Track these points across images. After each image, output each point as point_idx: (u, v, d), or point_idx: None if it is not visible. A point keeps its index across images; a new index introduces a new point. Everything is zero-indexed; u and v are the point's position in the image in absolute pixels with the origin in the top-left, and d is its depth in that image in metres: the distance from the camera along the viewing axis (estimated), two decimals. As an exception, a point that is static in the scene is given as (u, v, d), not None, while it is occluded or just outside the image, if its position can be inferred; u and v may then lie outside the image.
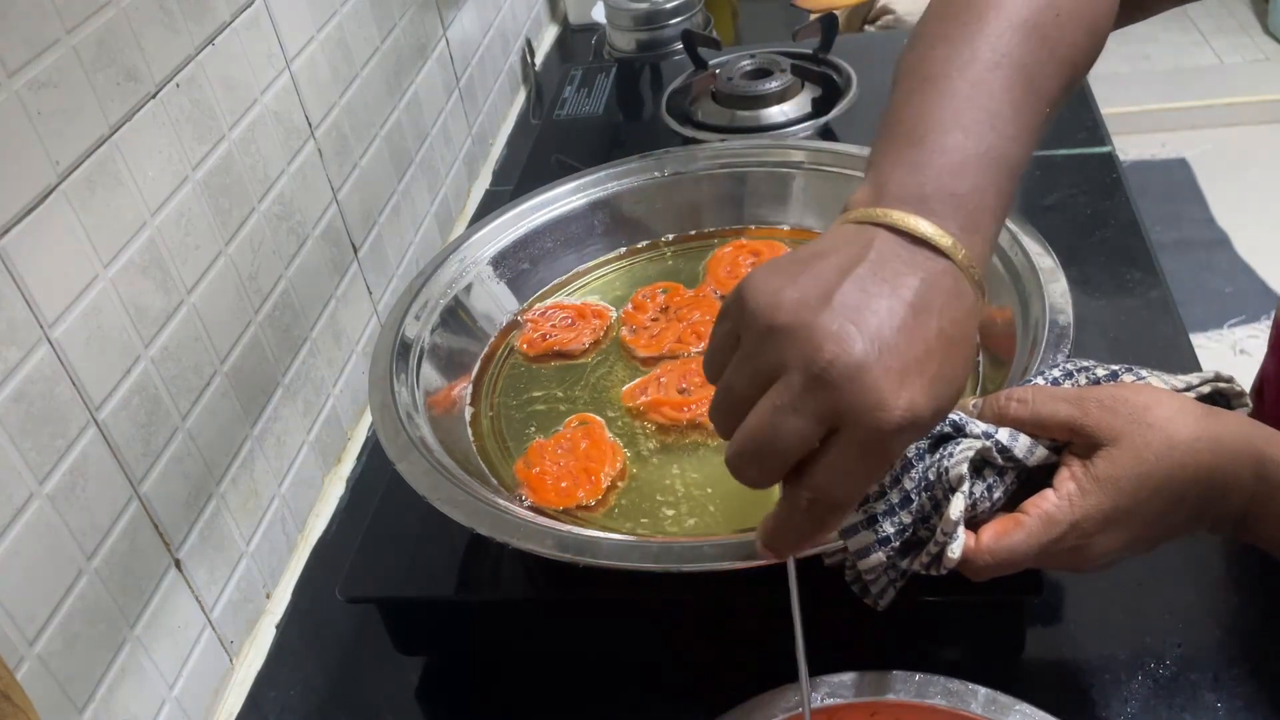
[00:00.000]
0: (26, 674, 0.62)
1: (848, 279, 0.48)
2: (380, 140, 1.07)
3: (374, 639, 0.78)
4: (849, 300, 0.47)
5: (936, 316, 0.48)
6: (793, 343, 0.47)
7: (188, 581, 0.77)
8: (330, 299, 0.97)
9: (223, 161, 0.82)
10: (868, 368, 0.46)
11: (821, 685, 0.62)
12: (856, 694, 0.61)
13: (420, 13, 1.18)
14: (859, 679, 0.62)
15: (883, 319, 0.47)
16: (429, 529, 0.73)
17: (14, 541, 0.62)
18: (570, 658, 0.76)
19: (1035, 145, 0.56)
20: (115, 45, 0.70)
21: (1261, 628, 0.71)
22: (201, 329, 0.79)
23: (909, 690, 0.61)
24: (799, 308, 0.47)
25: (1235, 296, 2.50)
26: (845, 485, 0.49)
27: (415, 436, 0.71)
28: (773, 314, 0.47)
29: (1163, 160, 2.98)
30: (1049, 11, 0.57)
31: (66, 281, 0.66)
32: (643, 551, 0.62)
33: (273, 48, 0.89)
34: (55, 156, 0.65)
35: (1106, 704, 0.68)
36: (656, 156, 0.96)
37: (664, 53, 1.45)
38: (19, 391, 0.62)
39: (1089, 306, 0.96)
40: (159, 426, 0.74)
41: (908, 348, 0.47)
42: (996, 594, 0.64)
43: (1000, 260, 0.78)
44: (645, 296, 0.89)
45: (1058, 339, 0.68)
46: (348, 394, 1.00)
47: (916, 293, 0.48)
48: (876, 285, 0.48)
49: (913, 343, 0.47)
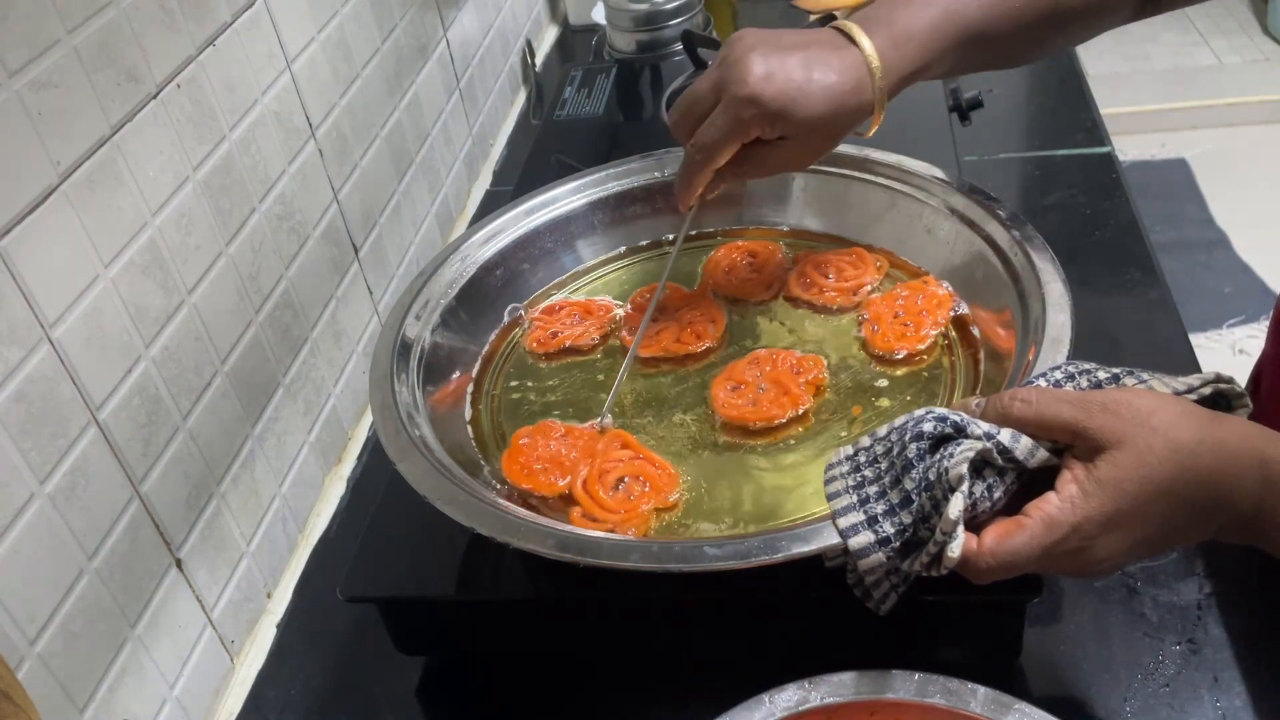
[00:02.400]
0: (27, 673, 0.62)
1: (794, 54, 0.72)
2: (381, 140, 1.07)
3: (374, 639, 0.78)
4: (783, 60, 0.72)
5: (818, 66, 0.71)
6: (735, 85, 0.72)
7: (188, 581, 0.77)
8: (331, 299, 0.98)
9: (223, 162, 0.82)
10: (750, 66, 0.71)
11: (822, 684, 0.62)
12: (856, 693, 0.62)
13: (420, 13, 1.18)
14: (858, 678, 0.62)
15: (785, 54, 0.72)
16: (429, 529, 0.73)
17: (15, 541, 0.62)
18: (570, 658, 0.76)
19: (1002, 17, 0.74)
20: (116, 46, 0.70)
21: (1262, 628, 0.71)
22: (202, 329, 0.79)
23: (908, 689, 0.61)
24: (764, 81, 0.71)
25: (1234, 296, 2.51)
26: (708, 133, 0.74)
27: (416, 436, 0.71)
28: (752, 87, 0.71)
29: (1162, 160, 2.98)
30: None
31: (67, 281, 0.66)
32: (643, 551, 0.62)
33: (273, 48, 0.89)
34: (56, 157, 0.65)
35: (1106, 704, 0.68)
36: (656, 156, 0.96)
37: (664, 53, 1.45)
38: (20, 391, 0.62)
39: (1088, 306, 0.96)
40: (160, 426, 0.74)
41: (780, 68, 0.71)
42: (996, 594, 0.64)
43: (999, 260, 0.79)
44: (643, 297, 0.89)
45: (1057, 339, 0.68)
46: (348, 394, 1.01)
47: (818, 54, 0.72)
48: (801, 50, 0.72)
49: (791, 63, 0.71)
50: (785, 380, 0.77)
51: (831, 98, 0.72)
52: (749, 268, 0.90)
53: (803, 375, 0.78)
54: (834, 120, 0.73)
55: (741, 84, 0.71)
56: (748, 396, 0.77)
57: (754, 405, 0.76)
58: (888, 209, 0.89)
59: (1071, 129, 1.23)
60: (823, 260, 0.88)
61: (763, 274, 0.89)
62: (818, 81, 0.71)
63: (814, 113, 0.72)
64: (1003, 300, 0.77)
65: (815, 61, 0.72)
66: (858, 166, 0.90)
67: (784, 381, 0.77)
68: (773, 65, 0.71)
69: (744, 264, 0.90)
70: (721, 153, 0.75)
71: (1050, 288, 0.72)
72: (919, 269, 0.86)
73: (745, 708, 0.62)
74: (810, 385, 0.77)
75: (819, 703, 0.61)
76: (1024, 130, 1.26)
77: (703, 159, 0.75)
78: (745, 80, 0.71)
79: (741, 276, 0.89)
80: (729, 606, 0.70)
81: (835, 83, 0.72)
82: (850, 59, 0.72)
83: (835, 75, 0.72)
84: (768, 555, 0.59)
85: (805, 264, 0.88)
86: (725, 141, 0.74)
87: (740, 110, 0.72)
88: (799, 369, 0.78)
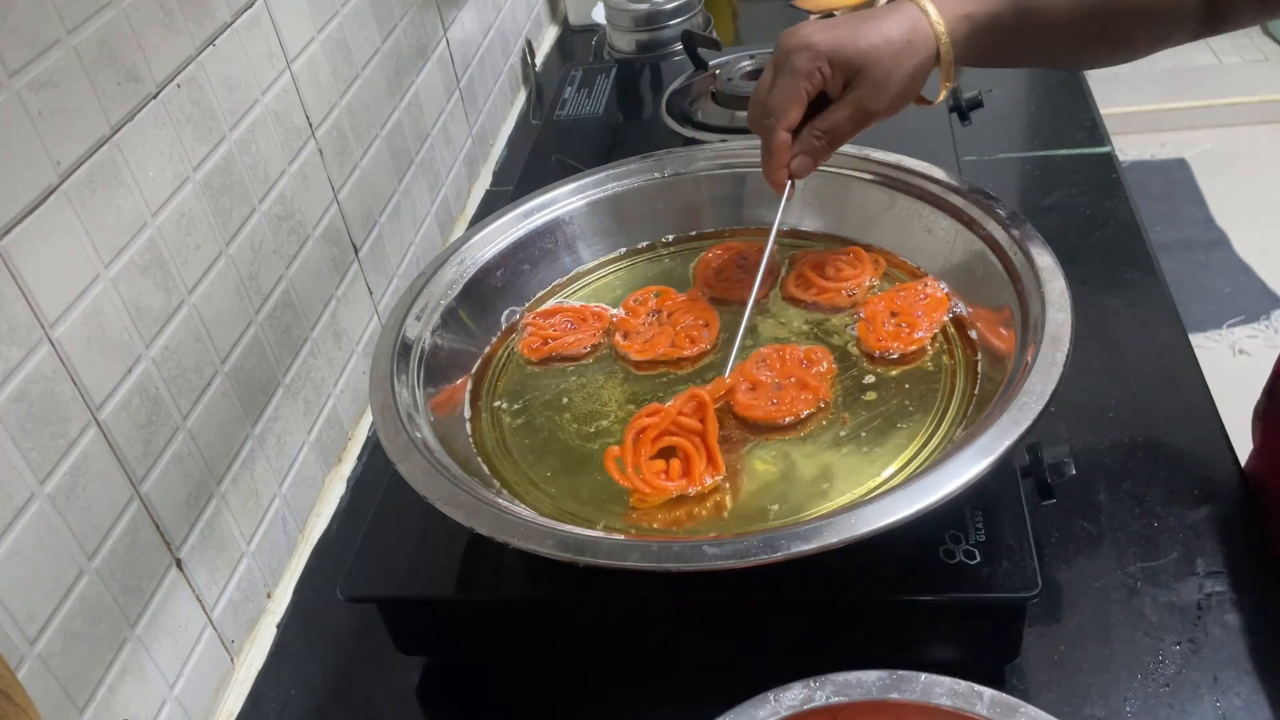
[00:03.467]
0: (27, 673, 0.62)
1: (847, 18, 0.77)
2: (381, 140, 1.07)
3: (374, 639, 0.78)
4: (836, 21, 0.76)
5: (869, 18, 0.75)
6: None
7: (188, 581, 0.77)
8: (331, 299, 0.98)
9: (223, 161, 0.82)
10: (802, 27, 0.76)
11: (827, 684, 0.62)
12: (863, 694, 0.61)
13: (420, 13, 1.18)
14: (862, 678, 0.62)
15: (837, 20, 0.77)
16: (429, 529, 0.73)
17: (15, 541, 0.62)
18: (570, 658, 0.76)
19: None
20: (116, 45, 0.70)
21: (1262, 628, 0.71)
22: (202, 329, 0.79)
23: (914, 690, 0.60)
24: (816, 31, 0.76)
25: (1234, 296, 2.51)
26: (772, 95, 0.77)
27: (416, 437, 0.71)
28: (804, 36, 0.76)
29: (1162, 160, 2.98)
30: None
31: (67, 281, 0.66)
32: (643, 551, 0.62)
33: (273, 48, 0.89)
34: (56, 157, 0.65)
35: (1106, 704, 0.68)
36: (656, 157, 0.96)
37: (664, 53, 1.46)
38: (20, 391, 0.62)
39: (1088, 306, 0.96)
40: (160, 426, 0.74)
41: (836, 22, 0.75)
42: (996, 594, 0.64)
43: (999, 260, 0.79)
44: (637, 301, 0.89)
45: (1056, 338, 0.68)
46: (348, 394, 1.01)
47: (869, 14, 0.76)
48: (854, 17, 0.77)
49: (841, 21, 0.76)
50: (800, 374, 0.77)
51: (884, 33, 0.75)
52: (739, 269, 0.90)
53: (813, 367, 0.78)
54: (889, 52, 0.75)
55: (793, 37, 0.76)
56: (767, 396, 0.77)
57: (777, 404, 0.76)
58: (887, 208, 0.89)
59: (1071, 129, 1.23)
60: (820, 260, 0.88)
61: (753, 275, 0.89)
62: (869, 22, 0.75)
63: (867, 43, 0.75)
64: (1002, 299, 0.77)
65: (866, 16, 0.76)
66: (857, 166, 0.90)
67: (799, 375, 0.77)
68: (825, 23, 0.76)
69: (734, 265, 0.90)
70: (788, 109, 0.77)
71: (1050, 286, 0.72)
72: (918, 269, 0.86)
73: (745, 708, 0.62)
74: (824, 376, 0.77)
75: (824, 702, 0.61)
76: (1024, 130, 1.26)
77: (773, 121, 0.78)
78: (796, 33, 0.76)
79: (732, 278, 0.89)
80: (729, 606, 0.70)
81: (887, 23, 0.75)
82: (903, 7, 0.76)
83: (887, 16, 0.76)
84: (767, 554, 0.59)
85: (803, 264, 0.88)
86: (789, 96, 0.77)
87: (796, 60, 0.75)
88: (808, 361, 0.78)
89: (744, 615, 0.71)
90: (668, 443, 0.73)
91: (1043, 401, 0.64)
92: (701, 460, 0.72)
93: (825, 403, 0.76)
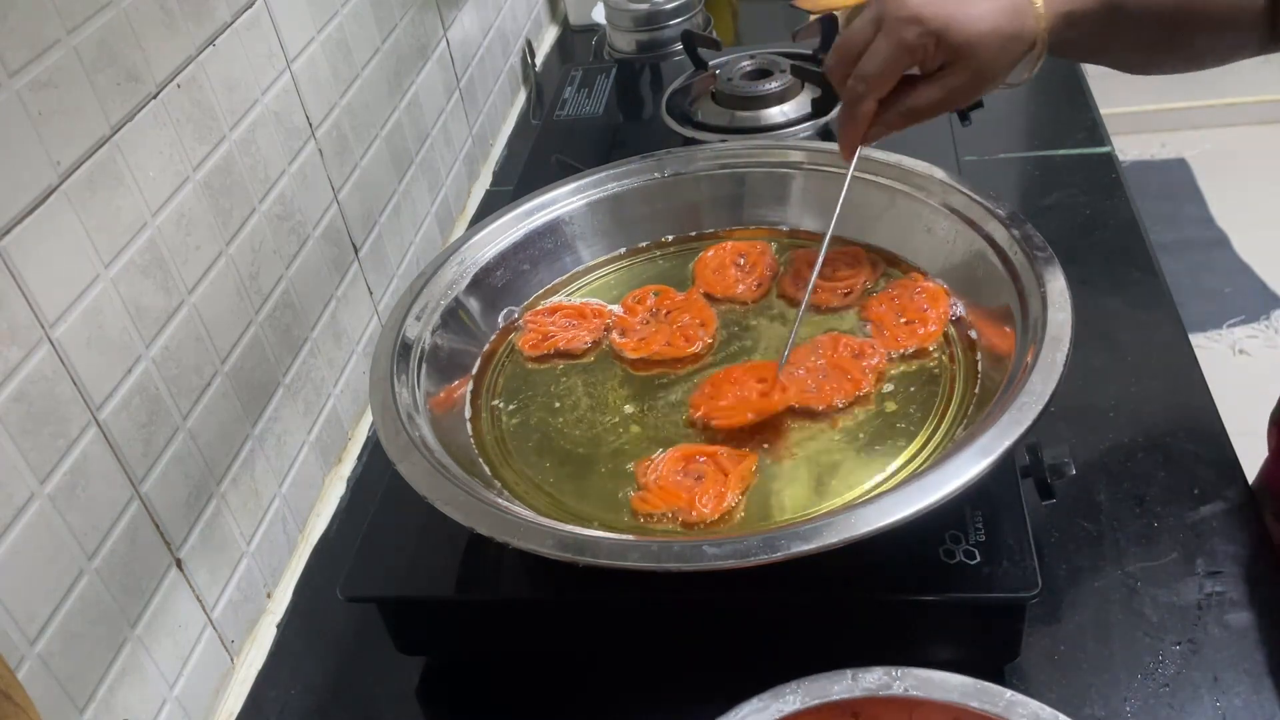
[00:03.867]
0: (27, 673, 0.62)
1: None
2: (381, 140, 1.07)
3: (374, 639, 0.78)
4: None
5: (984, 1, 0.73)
6: None
7: (188, 581, 0.77)
8: (331, 299, 0.98)
9: (223, 162, 0.82)
10: None
11: (844, 677, 0.61)
12: (944, 695, 0.59)
13: (420, 13, 1.18)
14: (861, 676, 0.61)
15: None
16: (429, 529, 0.73)
17: (15, 541, 0.62)
18: (570, 658, 0.76)
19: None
20: (116, 45, 0.70)
21: (1262, 628, 0.71)
22: (202, 329, 0.79)
23: (996, 705, 0.59)
24: (925, 3, 0.73)
25: (1234, 296, 2.51)
26: (870, 62, 0.75)
27: (416, 437, 0.71)
28: (914, 8, 0.73)
29: (1162, 160, 2.98)
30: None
31: (67, 281, 0.66)
32: (643, 551, 0.62)
33: (273, 48, 0.89)
34: (56, 157, 0.65)
35: (1106, 704, 0.68)
36: (656, 157, 0.96)
37: (664, 53, 1.46)
38: (20, 391, 0.62)
39: (1088, 306, 0.96)
40: (160, 426, 0.74)
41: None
42: (996, 594, 0.64)
43: (999, 260, 0.79)
44: (636, 300, 0.89)
45: (1057, 337, 0.68)
46: (348, 394, 1.01)
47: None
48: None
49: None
50: (846, 364, 0.77)
51: (991, 17, 0.72)
52: (739, 267, 0.90)
53: (864, 360, 0.78)
54: (995, 44, 0.73)
55: (902, 6, 0.73)
56: (812, 381, 0.77)
57: (818, 391, 0.76)
58: (887, 208, 0.89)
59: (1071, 129, 1.23)
60: (816, 259, 0.88)
61: (753, 274, 0.89)
62: (981, 5, 0.73)
63: (976, 30, 0.72)
64: (1002, 299, 0.77)
65: (971, 4, 0.73)
66: (857, 166, 0.90)
67: (845, 366, 0.77)
68: (931, 6, 0.73)
69: (733, 264, 0.90)
70: (885, 80, 0.75)
71: (1050, 286, 0.72)
72: (917, 268, 0.86)
73: (745, 708, 0.61)
74: (873, 370, 0.77)
75: (831, 699, 0.60)
76: (1024, 130, 1.26)
77: (865, 89, 0.76)
78: (906, 3, 0.73)
79: (731, 277, 0.89)
80: (729, 606, 0.70)
81: (995, 4, 0.73)
82: (1009, 7, 0.73)
83: (987, 11, 0.73)
84: (767, 554, 0.59)
85: (801, 263, 0.88)
86: (888, 67, 0.74)
87: (903, 31, 0.73)
88: (860, 353, 0.79)
89: (744, 615, 0.71)
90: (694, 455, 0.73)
91: (1043, 401, 0.64)
92: (713, 493, 0.72)
93: (864, 391, 0.76)
